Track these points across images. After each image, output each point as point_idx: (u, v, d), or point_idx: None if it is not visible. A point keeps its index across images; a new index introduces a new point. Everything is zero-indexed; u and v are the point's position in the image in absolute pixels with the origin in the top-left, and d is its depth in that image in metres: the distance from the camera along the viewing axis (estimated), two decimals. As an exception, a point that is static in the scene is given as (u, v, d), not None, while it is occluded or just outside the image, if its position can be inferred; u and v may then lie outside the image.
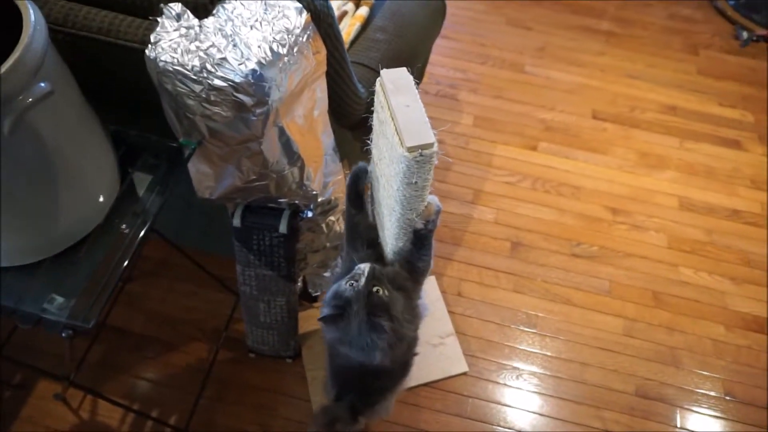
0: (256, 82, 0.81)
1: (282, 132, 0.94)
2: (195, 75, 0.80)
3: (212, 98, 0.83)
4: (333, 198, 1.19)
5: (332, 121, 1.14)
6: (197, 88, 0.82)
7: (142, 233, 0.89)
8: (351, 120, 1.21)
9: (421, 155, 0.79)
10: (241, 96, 0.82)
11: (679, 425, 1.45)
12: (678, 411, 1.47)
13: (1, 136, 0.65)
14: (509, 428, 1.43)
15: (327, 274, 1.42)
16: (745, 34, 2.29)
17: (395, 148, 0.81)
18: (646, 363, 1.54)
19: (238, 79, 0.80)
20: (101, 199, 0.88)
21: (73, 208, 0.83)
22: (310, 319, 1.52)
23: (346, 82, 1.09)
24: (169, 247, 1.42)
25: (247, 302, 1.34)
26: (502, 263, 1.69)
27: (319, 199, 1.15)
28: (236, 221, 1.18)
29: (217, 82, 0.80)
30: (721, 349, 1.57)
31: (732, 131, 2.03)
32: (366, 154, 1.02)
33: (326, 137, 1.09)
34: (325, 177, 1.14)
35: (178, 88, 0.82)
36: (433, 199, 0.92)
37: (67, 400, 1.39)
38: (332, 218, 1.26)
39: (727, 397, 1.50)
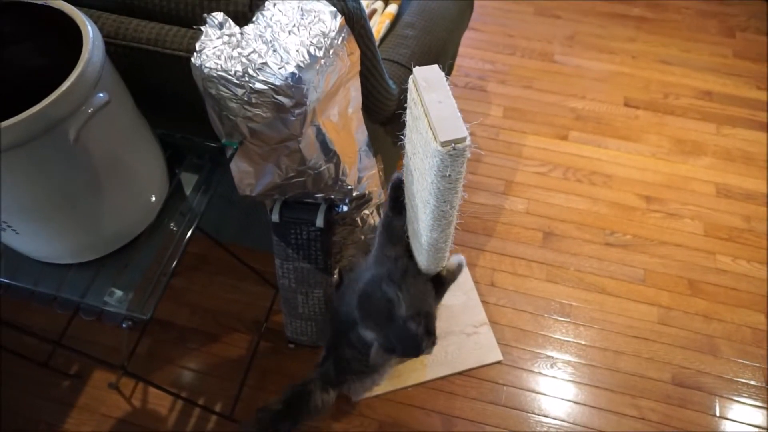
0: (295, 85, 0.85)
1: (319, 130, 0.98)
2: (237, 80, 0.85)
3: (253, 101, 0.88)
4: (367, 192, 1.23)
5: (365, 118, 1.18)
6: (239, 91, 0.87)
7: (189, 231, 0.95)
8: (383, 116, 1.25)
9: (454, 149, 0.83)
10: (280, 98, 0.87)
11: (718, 414, 1.45)
12: (717, 400, 1.47)
13: (67, 145, 0.72)
14: (544, 416, 1.45)
15: (362, 267, 1.47)
16: (784, 14, 2.24)
17: (429, 143, 0.84)
18: (683, 351, 1.54)
19: (278, 82, 0.85)
20: (153, 199, 0.95)
21: (128, 209, 0.90)
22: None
23: (378, 80, 1.13)
24: (209, 242, 1.49)
25: (286, 294, 1.40)
26: (534, 253, 1.71)
27: (354, 194, 1.20)
28: (275, 217, 1.24)
29: (259, 86, 0.85)
30: (761, 338, 1.56)
31: (771, 115, 1.99)
32: (398, 149, 1.06)
33: (360, 134, 1.13)
34: (359, 172, 1.19)
35: (222, 93, 0.88)
36: (458, 258, 0.99)
37: (120, 390, 1.48)
38: (366, 212, 1.30)
39: None
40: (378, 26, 1.36)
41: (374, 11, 1.40)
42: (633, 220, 1.77)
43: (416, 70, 0.89)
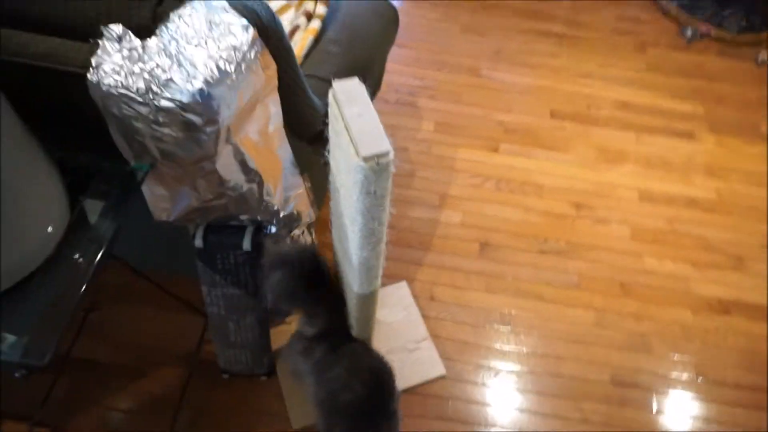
0: (204, 101, 0.78)
1: (236, 149, 0.91)
2: (141, 97, 0.77)
3: (161, 119, 0.80)
4: (296, 212, 1.16)
5: (290, 136, 1.12)
6: (144, 110, 0.79)
7: (96, 261, 0.85)
8: (309, 133, 1.19)
9: (377, 164, 0.78)
10: (189, 116, 0.79)
11: (655, 410, 1.46)
12: (654, 396, 1.48)
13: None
14: (491, 426, 1.42)
15: (297, 289, 1.39)
16: (689, 32, 2.35)
17: (351, 158, 0.79)
18: (619, 352, 1.55)
19: (185, 99, 0.78)
20: (50, 229, 0.84)
21: (17, 241, 0.79)
22: (282, 335, 1.49)
23: (301, 96, 1.07)
24: (129, 271, 1.37)
25: (216, 323, 1.31)
26: (472, 265, 1.68)
27: (282, 214, 1.13)
28: (198, 242, 1.15)
29: (165, 103, 0.78)
30: (689, 333, 1.59)
31: (684, 123, 2.07)
32: (326, 168, 1.00)
33: (283, 152, 1.07)
34: (285, 191, 1.12)
35: (125, 111, 0.79)
36: None
37: (36, 441, 1.33)
38: (297, 232, 1.23)
39: (699, 379, 1.52)
40: (301, 42, 1.31)
41: (297, 27, 1.34)
42: (565, 227, 1.78)
43: (335, 83, 0.84)
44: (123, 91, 0.77)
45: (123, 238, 1.24)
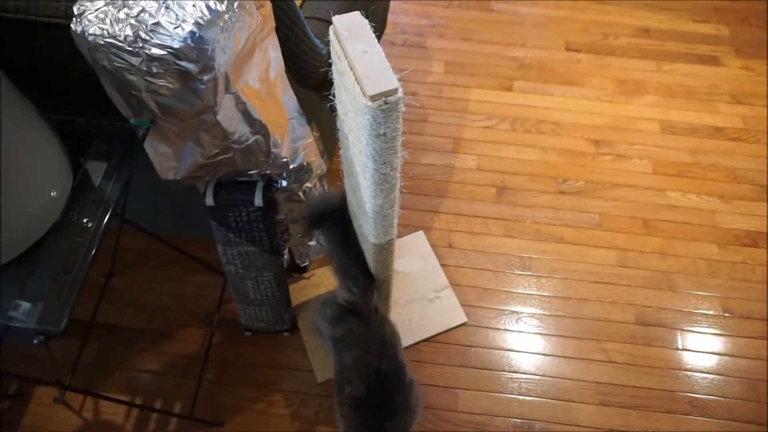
0: (197, 46, 0.73)
1: (237, 99, 0.86)
2: (130, 46, 0.72)
3: (154, 70, 0.75)
4: (305, 163, 1.12)
5: (294, 83, 1.06)
6: (135, 60, 0.74)
7: (104, 223, 0.82)
8: (313, 80, 1.13)
9: (385, 103, 0.72)
10: (183, 63, 0.74)
11: (680, 346, 1.44)
12: (678, 333, 1.46)
13: None
14: (515, 372, 1.41)
15: (312, 243, 1.37)
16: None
17: (358, 99, 0.74)
18: (643, 291, 1.52)
19: (176, 45, 0.72)
20: (53, 194, 0.82)
21: (22, 208, 0.77)
22: (301, 291, 1.48)
23: (302, 39, 1.01)
24: (147, 236, 1.36)
25: (234, 281, 1.29)
26: (489, 209, 1.64)
27: (291, 166, 1.09)
28: (209, 200, 1.12)
29: (156, 51, 0.73)
30: (715, 268, 1.55)
31: (708, 47, 1.96)
32: (334, 114, 0.95)
33: (288, 99, 1.01)
34: (293, 142, 1.07)
35: (115, 64, 0.75)
36: None
37: (68, 403, 1.35)
38: (308, 185, 1.20)
39: (726, 314, 1.48)
40: (299, -17, 1.23)
41: (293, -33, 1.26)
42: (584, 165, 1.72)
43: (336, 19, 0.78)
44: (110, 40, 0.72)
45: (135, 203, 1.22)
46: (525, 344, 1.45)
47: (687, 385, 1.39)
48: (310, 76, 1.10)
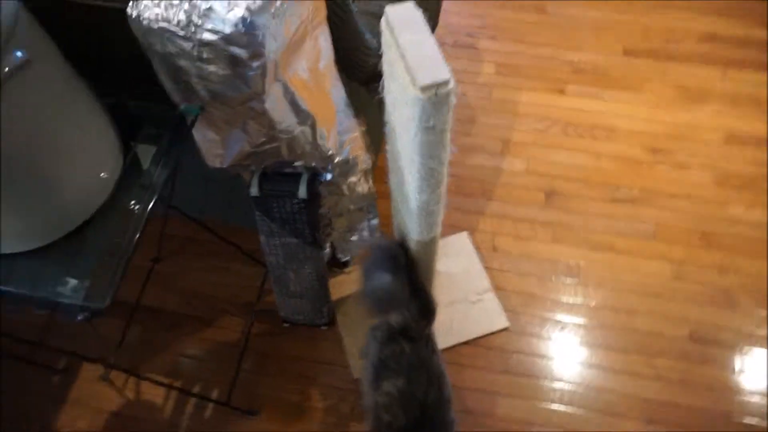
0: (248, 31, 0.72)
1: (286, 88, 0.85)
2: (182, 30, 0.72)
3: (204, 55, 0.75)
4: (351, 157, 1.10)
5: (343, 77, 1.04)
6: (187, 45, 0.73)
7: (149, 207, 0.82)
8: (363, 74, 1.11)
9: (436, 95, 0.69)
10: (234, 49, 0.73)
11: (738, 368, 1.34)
12: (737, 354, 1.36)
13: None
14: (557, 380, 1.35)
15: (354, 238, 1.35)
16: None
17: (407, 89, 0.71)
18: (699, 307, 1.42)
19: (228, 30, 0.71)
20: (104, 175, 0.82)
21: (74, 187, 0.78)
22: (341, 285, 1.46)
23: (353, 31, 0.99)
24: (194, 224, 1.37)
25: (276, 273, 1.29)
26: (537, 214, 1.58)
27: (336, 159, 1.07)
28: (254, 190, 1.12)
29: (207, 36, 0.72)
30: (780, 287, 1.44)
31: (779, 54, 1.83)
32: (381, 108, 0.92)
33: (336, 91, 0.99)
34: (340, 135, 1.05)
35: (167, 49, 0.74)
36: None
37: (112, 381, 1.38)
38: (353, 179, 1.17)
39: (790, 337, 1.37)
40: (353, -23, 1.21)
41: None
42: (639, 173, 1.63)
43: (388, 8, 0.76)
44: (164, 24, 0.72)
45: (183, 190, 1.23)
46: (569, 354, 1.38)
47: (743, 409, 1.29)
48: (360, 70, 1.08)
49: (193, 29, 0.72)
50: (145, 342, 1.43)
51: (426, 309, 1.00)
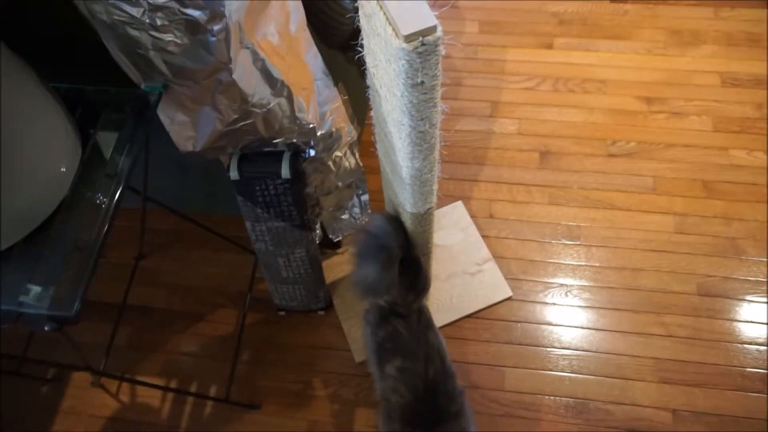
0: (203, -13, 0.63)
1: (255, 54, 0.76)
2: (128, -7, 0.63)
3: (158, 22, 0.65)
4: (334, 129, 1.02)
5: (318, 42, 0.95)
6: (136, 11, 0.64)
7: (116, 198, 0.74)
8: (339, 38, 1.02)
9: (422, 44, 0.61)
10: (190, 11, 0.64)
11: (749, 319, 1.29)
12: (747, 304, 1.31)
13: None
14: (565, 348, 1.29)
15: (345, 217, 1.27)
16: None
17: (390, 42, 0.63)
18: (705, 258, 1.37)
19: (179, -12, 0.62)
20: (62, 168, 0.74)
21: (28, 184, 0.69)
22: (336, 267, 1.39)
23: (324, -11, 0.89)
24: (175, 215, 1.29)
25: (265, 259, 1.21)
26: (533, 176, 1.50)
27: (319, 133, 0.98)
28: (233, 174, 1.03)
29: (157, -2, 0.63)
30: (788, 231, 1.38)
31: (773, -11, 1.74)
32: (364, 75, 0.84)
33: (312, 58, 0.90)
34: (320, 106, 0.97)
35: (115, 17, 0.65)
36: None
37: (105, 386, 1.31)
38: (338, 153, 1.09)
39: (802, 281, 1.32)
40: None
41: None
42: (635, 125, 1.56)
43: (361, -46, 0.67)
44: (106, -13, 0.62)
45: (161, 181, 1.14)
46: (575, 319, 1.32)
47: (758, 360, 1.25)
48: (336, 34, 0.99)
49: (140, -9, 0.62)
50: (136, 343, 1.35)
51: (414, 283, 0.94)
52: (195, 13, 0.64)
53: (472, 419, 0.91)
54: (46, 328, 0.68)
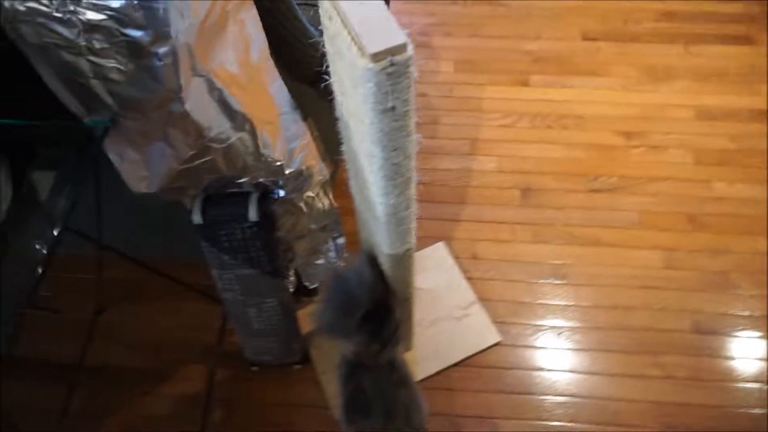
0: (143, 2, 0.55)
1: (210, 83, 0.68)
2: (58, 11, 0.54)
3: (96, 45, 0.57)
4: (304, 168, 0.93)
5: (286, 75, 0.88)
6: (69, 33, 0.56)
7: (52, 241, 0.64)
8: (308, 71, 0.94)
9: (392, 64, 0.54)
10: (130, 31, 0.56)
11: (746, 356, 1.21)
12: (746, 341, 1.23)
13: None
14: (559, 395, 1.19)
15: (320, 262, 1.17)
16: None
17: (356, 64, 0.55)
18: (697, 294, 1.30)
19: (116, 4, 0.54)
20: (-14, 212, 0.63)
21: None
22: (312, 317, 1.27)
23: (290, 19, 0.83)
24: (134, 264, 1.17)
25: (234, 310, 1.10)
26: (515, 214, 1.43)
27: (287, 171, 0.90)
28: (196, 217, 0.93)
29: (92, 16, 0.55)
30: (777, 263, 1.32)
31: (739, 26, 1.75)
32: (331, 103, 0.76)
33: (277, 90, 0.83)
34: (288, 142, 0.88)
35: (46, 39, 0.57)
36: None
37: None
38: (310, 194, 1.00)
39: (800, 314, 1.25)
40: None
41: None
42: (615, 159, 1.51)
43: (324, -27, 0.60)
44: (32, 4, 0.54)
45: (117, 226, 1.03)
46: (569, 363, 1.23)
47: (763, 400, 1.15)
48: (304, 67, 0.92)
49: (71, 8, 0.54)
50: (93, 407, 1.21)
51: (378, 332, 0.83)
52: (136, 33, 0.56)
53: None
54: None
